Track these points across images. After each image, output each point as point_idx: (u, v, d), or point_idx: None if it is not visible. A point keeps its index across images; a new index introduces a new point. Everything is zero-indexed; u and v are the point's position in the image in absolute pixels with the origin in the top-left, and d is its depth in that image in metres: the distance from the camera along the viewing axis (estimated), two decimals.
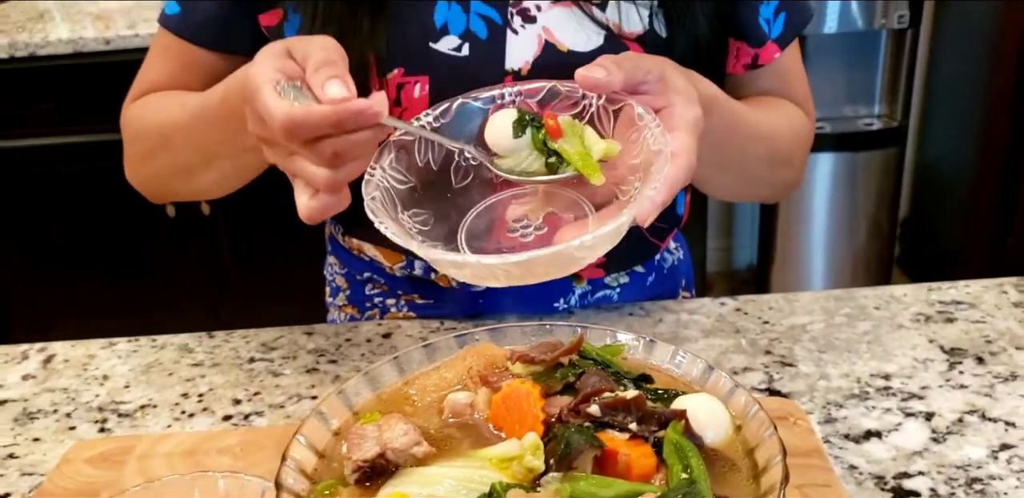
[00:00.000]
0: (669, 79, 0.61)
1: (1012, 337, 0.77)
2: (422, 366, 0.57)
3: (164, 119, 0.78)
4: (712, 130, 0.66)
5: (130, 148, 0.84)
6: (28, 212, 2.13)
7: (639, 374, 0.54)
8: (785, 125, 0.82)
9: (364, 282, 0.89)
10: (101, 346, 0.83)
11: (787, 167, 0.85)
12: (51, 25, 2.13)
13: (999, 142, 2.29)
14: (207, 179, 0.79)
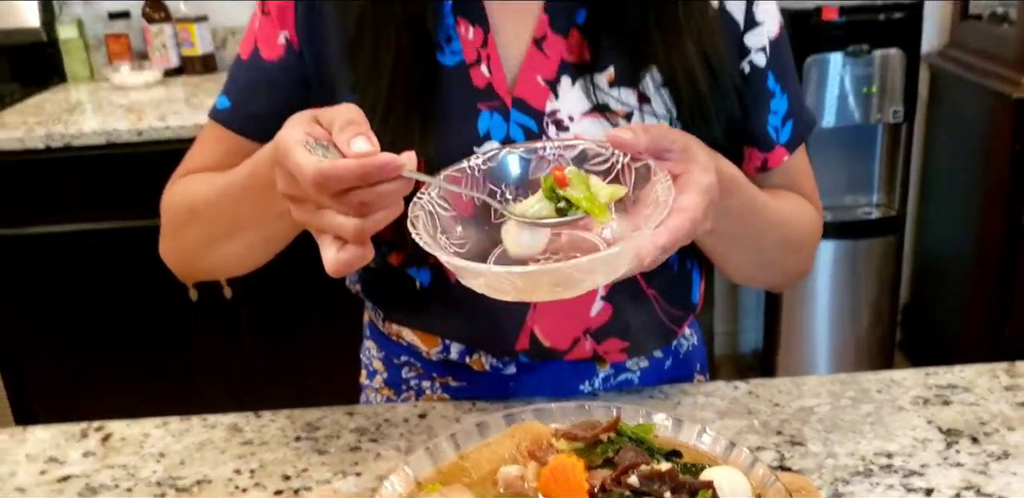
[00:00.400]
0: (691, 150, 0.69)
1: (1004, 419, 0.83)
2: (476, 442, 0.63)
3: (195, 194, 0.84)
4: (731, 209, 0.73)
5: (164, 223, 0.90)
6: (57, 293, 2.19)
7: (670, 449, 0.60)
8: (797, 215, 0.89)
9: (401, 366, 0.95)
10: (155, 425, 0.89)
11: (798, 254, 0.91)
12: (85, 116, 2.24)
13: (994, 232, 2.37)
14: (233, 250, 0.84)
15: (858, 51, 2.26)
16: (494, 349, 0.89)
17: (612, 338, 0.89)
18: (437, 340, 0.90)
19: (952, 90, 2.59)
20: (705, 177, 0.67)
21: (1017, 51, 2.28)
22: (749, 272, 0.93)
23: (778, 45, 0.88)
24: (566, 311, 0.86)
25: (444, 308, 0.88)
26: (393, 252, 0.86)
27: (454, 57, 0.82)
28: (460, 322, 0.88)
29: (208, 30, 2.60)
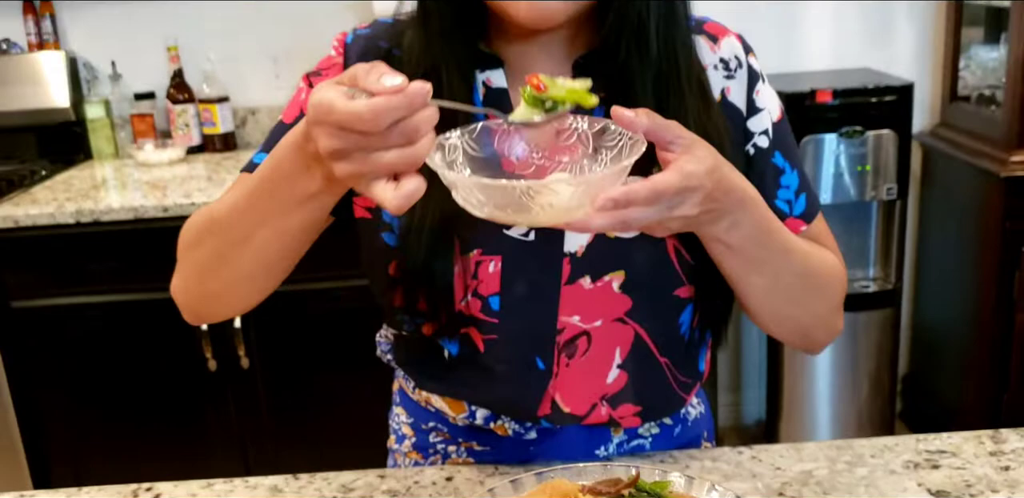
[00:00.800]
0: (694, 147, 0.76)
1: (988, 481, 0.90)
2: (511, 497, 0.70)
3: (214, 209, 0.87)
4: (744, 223, 0.79)
5: (180, 250, 0.92)
6: (82, 360, 2.27)
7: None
8: (818, 253, 0.93)
9: (429, 431, 1.02)
10: (201, 486, 0.95)
11: (822, 295, 0.94)
12: (112, 193, 2.35)
13: (988, 304, 2.45)
14: (247, 259, 0.85)
15: (852, 132, 2.37)
16: (517, 415, 0.95)
17: (626, 403, 0.95)
18: (464, 406, 0.97)
19: (944, 168, 2.70)
20: (690, 165, 0.74)
21: (1004, 132, 2.39)
22: (772, 305, 0.92)
23: (781, 126, 0.96)
24: (585, 378, 0.93)
25: (472, 376, 0.95)
26: (427, 323, 0.93)
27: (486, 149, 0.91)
28: (487, 389, 0.95)
29: (229, 110, 2.72)
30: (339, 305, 2.24)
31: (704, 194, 0.76)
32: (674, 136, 0.76)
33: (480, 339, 0.92)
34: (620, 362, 0.94)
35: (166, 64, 2.72)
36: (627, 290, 0.91)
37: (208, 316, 0.97)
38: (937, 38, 2.76)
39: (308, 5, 2.71)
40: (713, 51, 0.94)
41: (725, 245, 0.83)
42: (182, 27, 2.71)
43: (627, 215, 0.72)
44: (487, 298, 0.91)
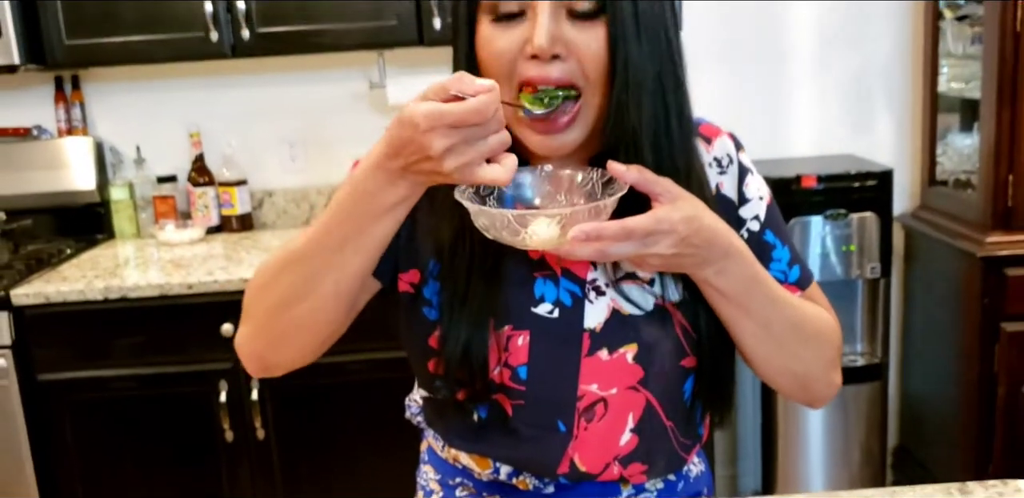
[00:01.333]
0: (678, 201, 0.91)
1: None
2: None
3: (289, 245, 0.96)
4: (733, 272, 0.92)
5: (250, 294, 1.00)
6: (100, 431, 2.35)
7: None
8: (811, 307, 1.04)
9: (456, 486, 1.12)
10: None
11: (816, 347, 1.02)
12: (137, 270, 2.47)
13: (972, 378, 2.56)
14: (327, 286, 0.93)
15: (836, 214, 2.52)
16: (538, 472, 1.05)
17: (635, 463, 1.06)
18: (490, 463, 1.07)
19: (925, 248, 2.84)
20: (665, 212, 0.88)
21: (980, 214, 2.54)
22: (765, 351, 1.01)
23: (771, 209, 1.08)
24: (601, 441, 1.04)
25: (499, 437, 1.05)
26: (461, 389, 1.03)
27: None
28: (512, 449, 1.05)
29: (247, 192, 2.87)
30: (349, 378, 2.35)
31: (678, 238, 0.89)
32: (663, 189, 0.90)
33: (508, 404, 1.03)
34: (633, 426, 1.04)
35: (188, 149, 2.87)
36: (639, 361, 1.02)
37: (274, 364, 1.02)
38: (915, 126, 2.94)
39: (322, 94, 2.88)
40: (708, 151, 1.08)
41: (715, 290, 0.96)
42: (204, 115, 2.88)
43: (603, 247, 0.86)
44: (516, 368, 1.02)
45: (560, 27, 0.93)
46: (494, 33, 0.95)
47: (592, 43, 0.93)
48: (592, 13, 0.93)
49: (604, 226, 0.85)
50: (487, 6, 0.95)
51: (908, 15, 2.87)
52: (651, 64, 0.95)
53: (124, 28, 2.52)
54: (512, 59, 0.94)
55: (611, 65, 0.93)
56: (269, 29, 2.52)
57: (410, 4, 2.49)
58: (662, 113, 0.97)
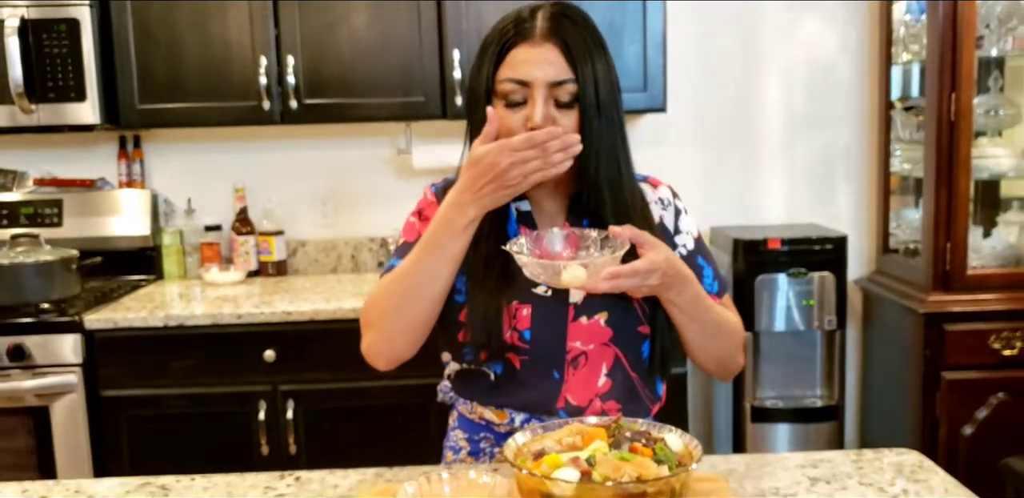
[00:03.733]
0: (655, 250, 1.27)
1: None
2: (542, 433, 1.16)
3: (395, 271, 1.39)
4: (687, 293, 1.31)
5: (371, 308, 1.40)
6: (153, 443, 2.67)
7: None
8: (728, 314, 1.46)
9: (480, 440, 1.47)
10: None
11: (729, 340, 1.43)
12: (191, 303, 2.82)
13: (916, 420, 2.91)
14: (416, 311, 1.35)
15: (798, 273, 2.90)
16: (542, 409, 1.41)
17: (611, 400, 1.43)
18: (506, 414, 1.43)
19: (879, 307, 3.22)
20: (654, 256, 1.27)
21: (923, 278, 2.93)
22: (700, 344, 1.42)
23: (699, 241, 1.52)
24: (585, 383, 1.41)
25: (511, 387, 1.43)
26: (482, 352, 1.41)
27: None
28: (520, 395, 1.42)
29: (283, 242, 3.25)
30: (372, 402, 2.69)
31: (662, 272, 1.29)
32: (646, 240, 1.30)
33: (517, 360, 1.42)
34: (607, 372, 1.43)
35: (233, 202, 3.27)
36: (609, 324, 1.42)
37: (397, 357, 1.40)
38: (871, 201, 3.36)
39: (353, 158, 3.29)
40: (653, 193, 1.51)
41: (674, 304, 1.36)
42: (248, 173, 3.28)
43: (619, 283, 1.25)
44: (522, 332, 1.41)
45: (550, 110, 1.35)
46: (506, 113, 1.37)
47: (570, 122, 1.36)
48: (570, 103, 1.36)
49: (622, 269, 1.25)
50: (501, 94, 1.37)
51: (865, 104, 3.31)
52: (607, 136, 1.38)
53: (189, 95, 2.93)
54: (518, 131, 1.35)
55: (582, 136, 1.34)
56: (314, 101, 2.93)
57: (436, 83, 2.91)
58: (614, 167, 1.40)
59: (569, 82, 1.35)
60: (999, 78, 3.05)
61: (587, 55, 1.35)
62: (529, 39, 1.36)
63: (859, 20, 3.28)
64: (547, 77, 1.34)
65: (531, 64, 1.35)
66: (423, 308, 1.37)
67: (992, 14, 2.91)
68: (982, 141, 2.98)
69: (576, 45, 1.35)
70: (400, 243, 1.49)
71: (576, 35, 1.36)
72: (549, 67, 1.34)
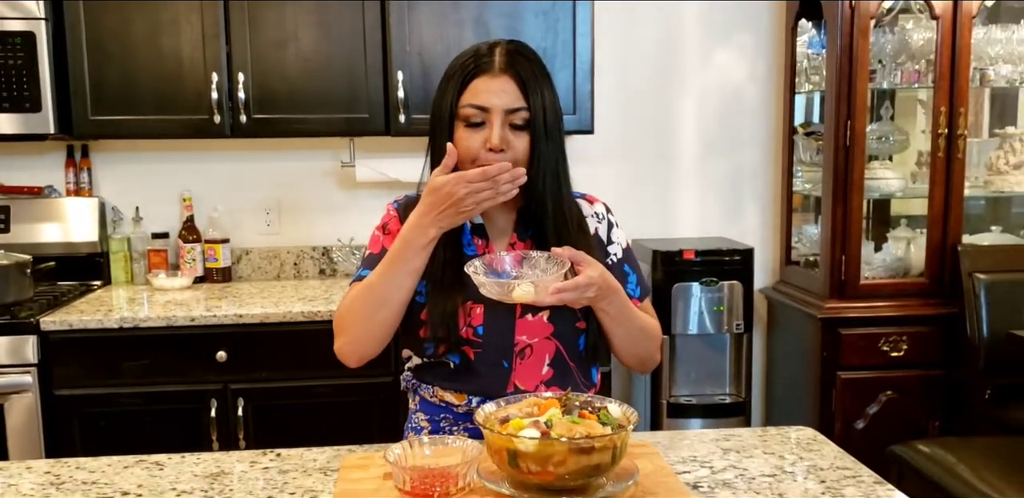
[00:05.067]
0: (591, 267, 1.47)
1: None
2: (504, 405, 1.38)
3: (364, 282, 1.58)
4: (615, 302, 1.53)
5: (342, 315, 1.58)
6: (106, 440, 2.80)
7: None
8: (648, 319, 1.67)
9: (440, 420, 1.67)
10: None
11: (649, 341, 1.64)
12: (143, 307, 2.96)
13: (816, 415, 3.21)
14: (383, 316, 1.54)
15: (709, 282, 3.18)
16: (494, 395, 1.58)
17: (554, 386, 1.63)
18: (464, 397, 1.64)
19: (782, 312, 3.52)
20: (591, 272, 1.47)
21: (821, 287, 3.24)
22: (625, 345, 1.62)
23: (627, 251, 1.74)
24: (530, 371, 1.62)
25: (467, 375, 1.63)
26: (441, 346, 1.61)
27: (471, 251, 1.65)
28: (476, 382, 1.63)
29: (229, 249, 3.40)
30: (316, 400, 2.87)
31: (598, 286, 1.50)
32: (582, 258, 1.51)
33: (471, 352, 1.63)
34: (549, 362, 1.64)
35: (180, 211, 3.41)
36: (551, 321, 1.63)
37: (367, 355, 1.60)
38: (776, 218, 3.66)
39: (298, 170, 3.46)
40: (590, 208, 1.74)
41: (605, 312, 1.58)
42: (195, 183, 3.43)
43: (562, 297, 1.46)
44: (476, 327, 1.61)
45: (506, 133, 1.57)
46: (467, 134, 1.59)
47: (522, 144, 1.57)
48: (523, 126, 1.58)
49: (565, 285, 1.46)
50: (463, 117, 1.59)
51: (771, 128, 3.63)
52: (552, 156, 1.61)
53: (141, 108, 3.06)
54: (477, 150, 1.58)
55: (531, 156, 1.58)
56: (263, 115, 3.09)
57: (380, 101, 3.11)
58: (557, 184, 1.63)
59: (523, 109, 1.58)
60: (890, 108, 3.39)
61: (537, 87, 1.59)
62: (489, 71, 1.58)
63: (767, 52, 3.59)
64: (504, 104, 1.57)
65: (491, 93, 1.57)
66: (389, 314, 1.57)
67: (884, 51, 3.25)
68: (874, 164, 3.31)
69: (528, 78, 1.59)
70: (366, 255, 1.70)
71: (529, 69, 1.60)
72: (506, 96, 1.57)
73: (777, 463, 1.53)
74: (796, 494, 1.39)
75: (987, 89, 3.54)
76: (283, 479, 1.48)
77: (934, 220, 3.20)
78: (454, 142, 1.59)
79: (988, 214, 3.63)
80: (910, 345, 3.16)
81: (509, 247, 1.67)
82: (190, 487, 1.45)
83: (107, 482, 1.49)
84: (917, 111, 3.56)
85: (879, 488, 1.42)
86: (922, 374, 3.18)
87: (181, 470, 1.54)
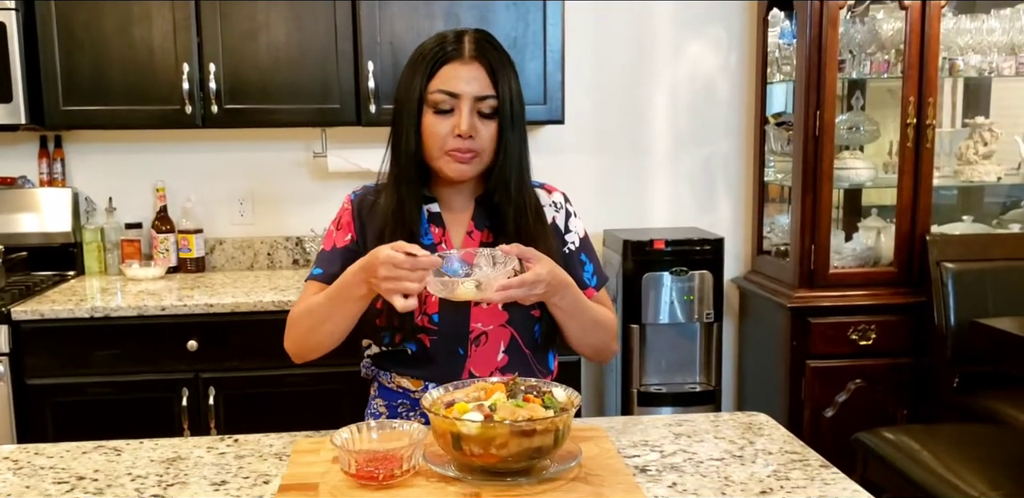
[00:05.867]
0: (540, 262, 1.47)
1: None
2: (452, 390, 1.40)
3: (310, 304, 1.58)
4: (567, 297, 1.53)
5: (290, 323, 1.63)
6: (78, 428, 2.81)
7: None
8: (603, 311, 1.68)
9: (398, 405, 1.69)
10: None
11: (604, 332, 1.66)
12: (115, 297, 2.97)
13: (785, 402, 3.24)
14: (327, 329, 1.55)
15: (680, 271, 3.20)
16: (449, 381, 1.61)
17: (508, 372, 1.64)
18: (421, 382, 1.66)
19: (753, 301, 3.55)
20: (539, 269, 1.46)
21: (791, 276, 3.26)
22: (580, 337, 1.64)
23: (584, 240, 1.76)
24: (485, 358, 1.64)
25: (423, 362, 1.65)
26: (397, 335, 1.63)
27: (427, 240, 1.66)
28: (432, 369, 1.65)
29: (202, 240, 3.41)
30: (286, 389, 2.88)
31: (547, 283, 1.50)
32: (532, 254, 1.51)
33: (427, 339, 1.65)
34: (504, 349, 1.66)
35: (154, 201, 3.42)
36: (506, 308, 1.65)
37: (307, 358, 1.64)
38: (748, 208, 3.69)
39: (271, 161, 3.47)
40: (548, 197, 1.76)
41: (557, 306, 1.59)
42: (169, 173, 3.44)
43: (510, 294, 1.46)
44: (431, 315, 1.63)
45: (474, 120, 1.59)
46: (435, 120, 1.60)
47: (489, 131, 1.59)
48: (491, 114, 1.60)
49: (511, 282, 1.45)
50: (431, 103, 1.60)
51: (743, 119, 3.65)
52: (516, 144, 1.62)
53: (113, 98, 3.07)
54: (445, 136, 1.59)
55: (497, 143, 1.60)
56: (234, 105, 3.10)
57: (351, 91, 3.12)
58: (519, 173, 1.65)
59: (491, 97, 1.59)
60: (860, 98, 3.41)
61: (505, 75, 1.61)
62: (459, 58, 1.59)
63: (739, 43, 3.61)
64: (474, 92, 1.58)
65: (461, 79, 1.58)
66: (331, 330, 1.59)
67: (854, 41, 3.27)
68: (844, 154, 3.33)
69: (497, 66, 1.60)
70: (320, 251, 1.71)
71: (497, 58, 1.61)
72: (476, 83, 1.59)
73: (727, 447, 1.56)
74: (742, 477, 1.41)
75: (959, 79, 3.56)
76: (238, 464, 1.50)
77: (903, 209, 3.22)
78: (422, 128, 1.61)
79: (959, 204, 3.67)
80: (879, 334, 3.19)
81: (466, 236, 1.69)
82: (145, 472, 1.47)
83: (64, 467, 1.50)
84: (891, 102, 3.58)
85: (824, 472, 1.45)
86: (890, 362, 3.21)
87: (138, 456, 1.55)
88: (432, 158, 1.63)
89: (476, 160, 1.61)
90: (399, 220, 1.63)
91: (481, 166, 1.63)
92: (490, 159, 1.63)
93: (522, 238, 1.64)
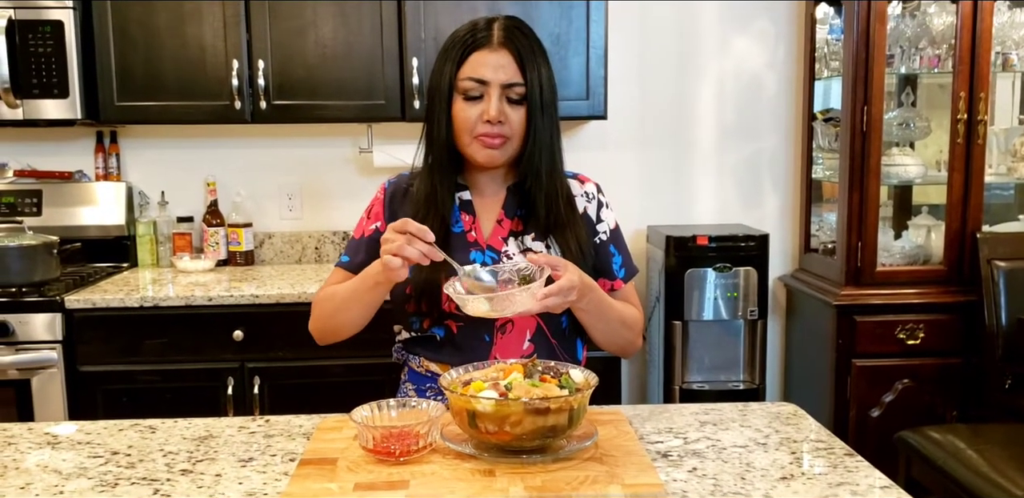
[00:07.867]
0: (568, 269, 1.46)
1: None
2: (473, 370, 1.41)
3: (335, 290, 1.63)
4: (592, 299, 1.54)
5: (316, 306, 1.68)
6: (128, 413, 2.85)
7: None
8: (628, 310, 1.69)
9: (426, 390, 1.72)
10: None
11: (629, 331, 1.67)
12: (166, 287, 3.04)
13: (831, 401, 3.19)
14: (349, 315, 1.61)
15: (724, 267, 3.18)
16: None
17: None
18: (448, 368, 1.66)
19: (800, 300, 3.51)
20: (567, 278, 1.46)
21: (838, 274, 3.22)
22: (605, 337, 1.66)
23: (615, 231, 1.76)
24: (511, 346, 1.65)
25: (451, 348, 1.67)
26: (426, 320, 1.66)
27: (458, 228, 1.68)
28: (458, 354, 1.66)
29: (251, 233, 3.47)
30: (330, 379, 2.92)
31: (577, 290, 1.50)
32: (560, 264, 1.50)
33: (454, 326, 1.67)
34: (530, 337, 1.67)
35: (205, 196, 3.49)
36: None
37: (331, 340, 1.71)
38: (795, 205, 3.65)
39: (318, 156, 3.52)
40: (581, 187, 1.77)
41: (582, 310, 1.60)
42: (219, 168, 3.51)
43: (547, 303, 1.45)
44: None
45: (503, 106, 1.61)
46: (465, 107, 1.62)
47: (518, 116, 1.62)
48: (520, 100, 1.62)
49: (550, 290, 1.45)
50: (461, 90, 1.62)
51: (790, 115, 3.61)
52: (547, 130, 1.64)
53: (165, 94, 3.14)
54: (475, 121, 1.62)
55: (527, 129, 1.61)
56: (282, 102, 3.16)
57: (396, 87, 3.16)
58: (551, 159, 1.66)
59: (519, 85, 1.61)
60: (911, 94, 3.36)
61: (534, 62, 1.62)
62: (488, 45, 1.61)
63: (786, 38, 3.57)
64: (502, 79, 1.60)
65: (489, 66, 1.61)
66: (353, 317, 1.64)
67: (903, 36, 3.22)
68: (894, 151, 3.28)
69: (526, 53, 1.62)
70: (351, 239, 1.75)
71: (527, 45, 1.63)
72: (504, 70, 1.60)
73: (752, 435, 1.55)
74: (764, 463, 1.40)
75: (1016, 75, 3.49)
76: (267, 442, 1.53)
77: (953, 206, 3.16)
78: (452, 114, 1.63)
79: (1016, 203, 3.58)
80: (927, 333, 3.14)
81: (496, 224, 1.70)
82: (177, 449, 1.50)
83: (100, 443, 1.55)
84: (943, 98, 3.51)
85: (848, 459, 1.43)
86: (939, 362, 3.15)
87: (172, 433, 1.59)
88: (463, 144, 1.65)
89: (506, 145, 1.63)
90: (431, 206, 1.65)
91: (511, 151, 1.65)
92: (520, 145, 1.65)
93: (552, 225, 1.65)
